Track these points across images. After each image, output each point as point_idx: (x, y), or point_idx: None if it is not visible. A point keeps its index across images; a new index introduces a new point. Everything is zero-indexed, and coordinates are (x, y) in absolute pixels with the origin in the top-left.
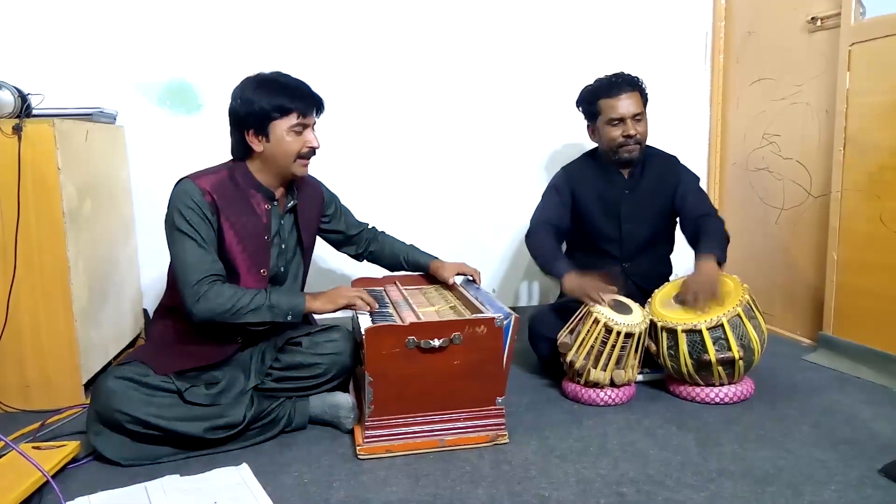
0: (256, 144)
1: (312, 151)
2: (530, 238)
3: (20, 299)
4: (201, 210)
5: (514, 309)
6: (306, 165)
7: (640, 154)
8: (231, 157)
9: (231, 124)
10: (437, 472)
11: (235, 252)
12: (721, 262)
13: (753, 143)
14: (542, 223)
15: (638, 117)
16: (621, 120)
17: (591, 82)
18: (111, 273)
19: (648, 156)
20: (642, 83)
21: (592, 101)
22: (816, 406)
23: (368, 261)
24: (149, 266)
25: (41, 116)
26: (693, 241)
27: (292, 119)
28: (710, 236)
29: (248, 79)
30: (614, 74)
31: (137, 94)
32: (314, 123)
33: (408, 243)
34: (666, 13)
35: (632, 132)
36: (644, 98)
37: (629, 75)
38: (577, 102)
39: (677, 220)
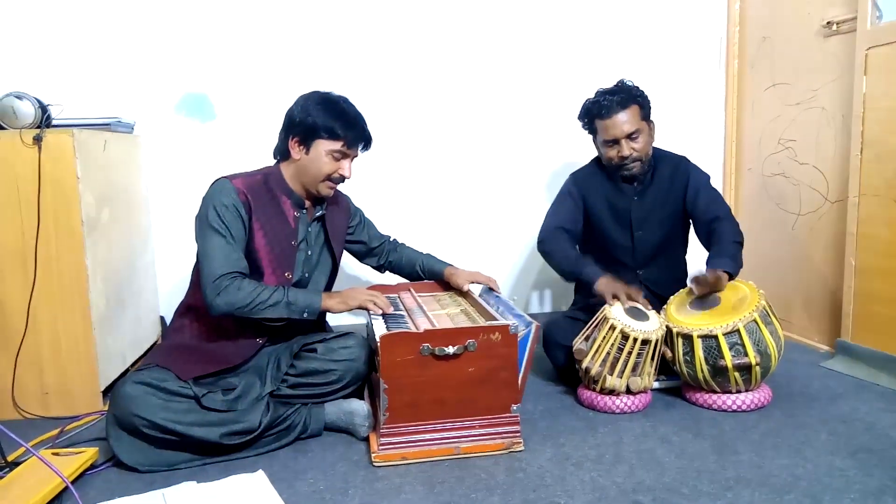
0: (295, 152)
1: (342, 179)
2: (545, 244)
3: (39, 307)
4: (236, 209)
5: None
6: (332, 189)
7: (642, 168)
8: (273, 156)
9: (283, 125)
10: (452, 480)
11: (263, 253)
12: (732, 275)
13: (769, 149)
14: (556, 229)
15: (634, 135)
16: (616, 141)
17: (592, 95)
18: (129, 280)
19: (657, 159)
20: (639, 94)
21: (589, 119)
22: (835, 414)
23: (389, 271)
24: (166, 273)
25: (61, 126)
26: (707, 246)
27: (336, 145)
28: (720, 249)
29: (316, 92)
30: (610, 89)
31: (154, 104)
32: (355, 156)
33: (424, 252)
34: (680, 19)
35: (626, 153)
36: (644, 110)
37: (625, 88)
38: (578, 117)
39: (690, 221)
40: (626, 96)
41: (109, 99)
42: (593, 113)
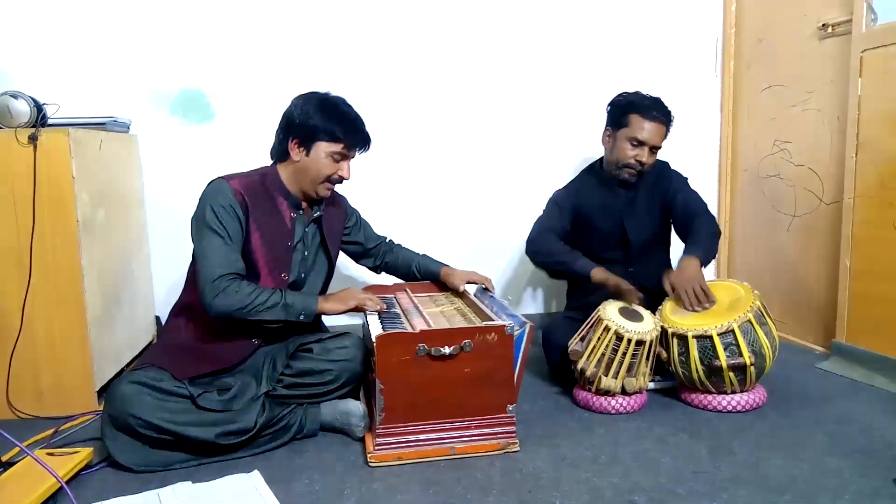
0: (295, 153)
1: (340, 180)
2: (533, 245)
3: (35, 307)
4: (233, 209)
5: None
6: (330, 190)
7: (637, 179)
8: (270, 157)
9: (280, 126)
10: (447, 480)
11: (259, 253)
12: (705, 262)
13: (765, 150)
14: (544, 230)
15: (654, 150)
16: (641, 143)
17: (632, 91)
18: (124, 280)
19: None
20: (673, 121)
21: (626, 110)
22: (830, 415)
23: (385, 272)
24: (162, 273)
25: (56, 126)
26: (684, 240)
27: (337, 147)
28: (695, 237)
29: (314, 93)
30: (658, 100)
31: (151, 103)
32: (353, 157)
33: (420, 253)
34: (676, 20)
35: (644, 159)
36: (667, 135)
37: (668, 110)
38: (610, 103)
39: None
40: (668, 117)
41: (105, 98)
42: (636, 107)
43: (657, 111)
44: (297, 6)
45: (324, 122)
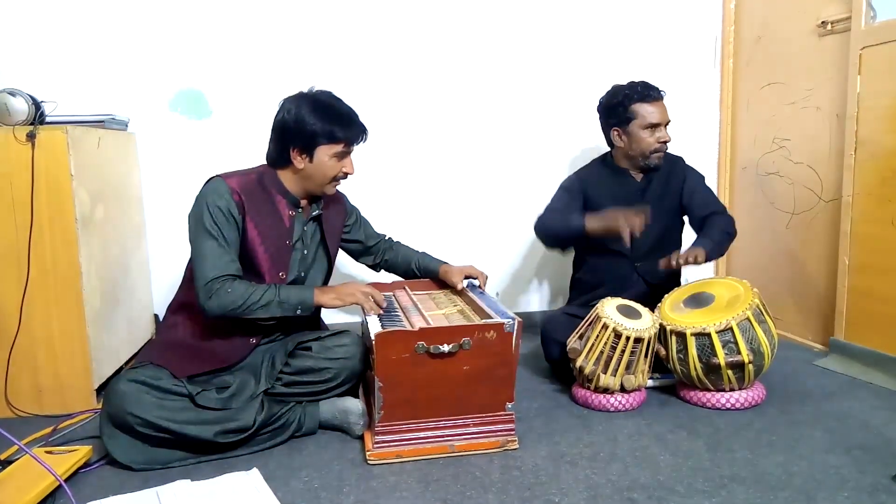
0: (298, 161)
1: (346, 176)
2: (539, 223)
3: (33, 304)
4: (229, 210)
5: (522, 314)
6: (335, 187)
7: (663, 160)
8: (267, 162)
9: (275, 134)
10: (446, 478)
11: (258, 252)
12: (710, 255)
13: (763, 148)
14: (549, 210)
15: (666, 125)
16: (657, 125)
17: (609, 89)
18: (123, 278)
19: None
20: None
21: (625, 104)
22: (829, 412)
23: (385, 270)
24: (160, 271)
25: (54, 123)
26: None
27: (338, 147)
28: (706, 232)
29: (303, 96)
30: (641, 81)
31: (149, 100)
32: (353, 149)
33: (419, 250)
34: (675, 18)
35: (667, 137)
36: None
37: (655, 85)
38: (606, 106)
39: (685, 218)
40: (660, 91)
41: (104, 96)
42: (636, 97)
43: (652, 90)
44: (298, 3)
45: (321, 125)
